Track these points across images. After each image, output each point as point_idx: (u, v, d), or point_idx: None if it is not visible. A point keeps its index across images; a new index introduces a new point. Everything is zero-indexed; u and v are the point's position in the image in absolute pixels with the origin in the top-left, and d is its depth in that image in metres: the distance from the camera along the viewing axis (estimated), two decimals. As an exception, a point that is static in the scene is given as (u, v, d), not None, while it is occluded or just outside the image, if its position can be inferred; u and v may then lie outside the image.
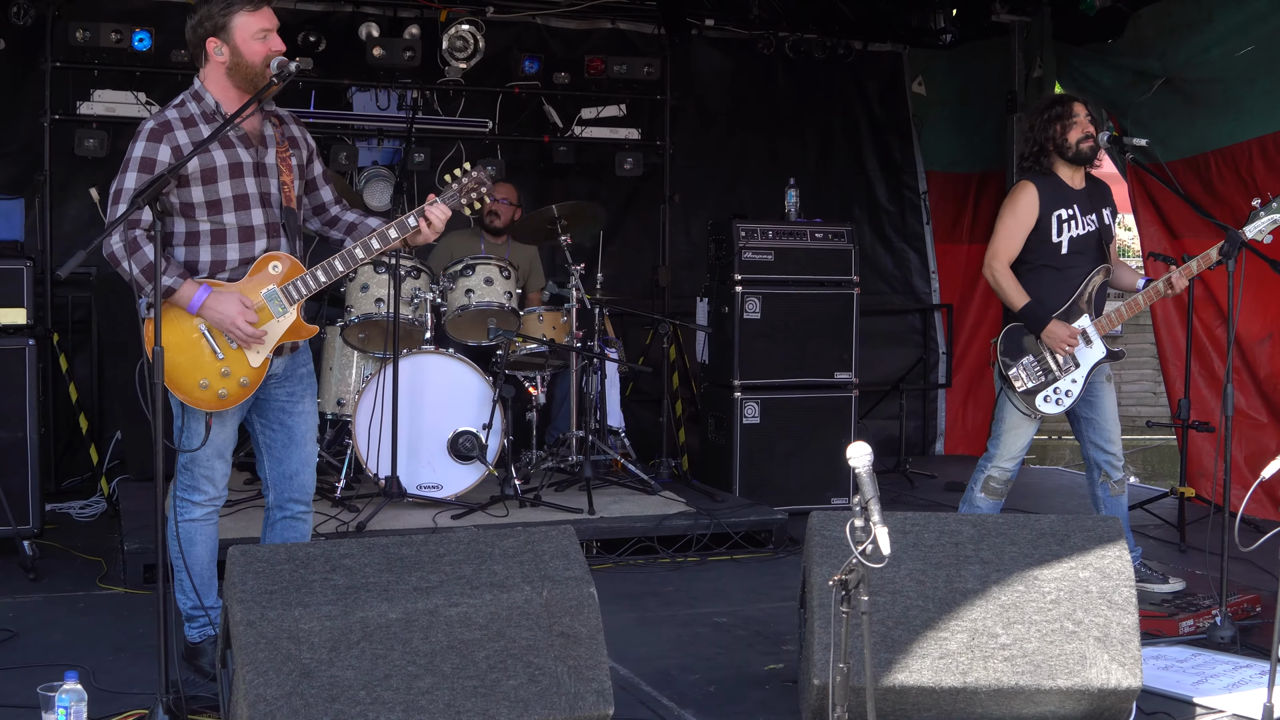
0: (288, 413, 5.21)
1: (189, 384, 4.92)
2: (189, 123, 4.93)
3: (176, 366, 4.86)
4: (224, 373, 4.95)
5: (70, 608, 6.21)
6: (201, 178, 4.90)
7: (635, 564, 7.26)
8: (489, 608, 4.25)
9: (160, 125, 4.90)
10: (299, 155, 5.18)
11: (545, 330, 8.17)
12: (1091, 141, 6.41)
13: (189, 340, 4.90)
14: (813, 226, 8.74)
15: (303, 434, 5.24)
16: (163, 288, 4.69)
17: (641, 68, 10.11)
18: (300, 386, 5.25)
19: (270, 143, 5.08)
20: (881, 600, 4.49)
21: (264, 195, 5.02)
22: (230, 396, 4.98)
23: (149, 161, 4.85)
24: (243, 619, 3.99)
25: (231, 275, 4.97)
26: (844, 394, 8.67)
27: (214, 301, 4.86)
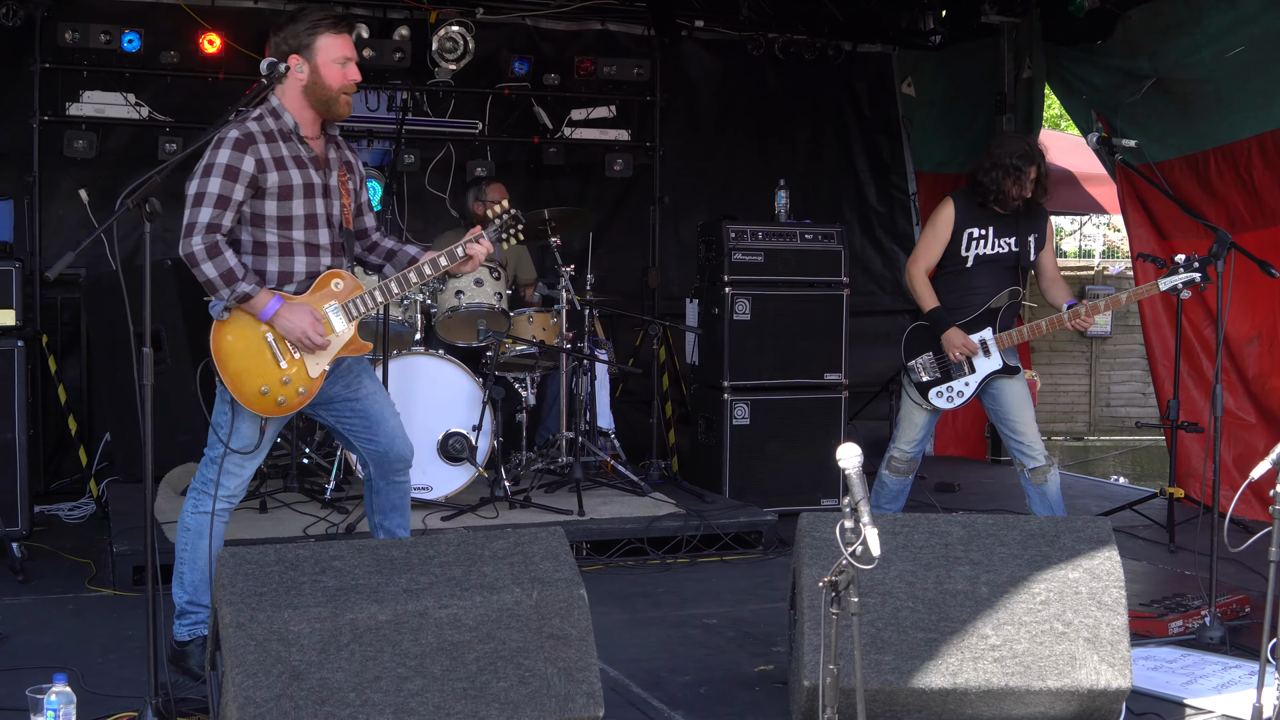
0: (355, 400, 5.35)
1: (251, 388, 5.04)
2: (269, 138, 5.04)
3: (241, 370, 5.02)
4: (284, 381, 5.09)
5: (59, 610, 6.20)
6: (279, 193, 5.04)
7: (625, 565, 7.25)
8: (479, 609, 4.24)
9: (245, 136, 4.99)
10: (354, 180, 5.37)
11: (535, 331, 8.16)
12: (1019, 202, 6.84)
13: (256, 346, 5.05)
14: (802, 228, 8.74)
15: (378, 412, 5.38)
16: (240, 293, 4.93)
17: (631, 69, 10.11)
18: (354, 375, 5.35)
19: (334, 165, 5.25)
20: (871, 601, 4.49)
21: (329, 216, 5.20)
22: (288, 404, 5.13)
23: (233, 170, 4.95)
24: (232, 621, 3.97)
25: (297, 289, 5.13)
26: (834, 395, 8.67)
27: (287, 311, 5.03)
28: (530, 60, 9.97)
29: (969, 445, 11.49)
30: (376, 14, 9.66)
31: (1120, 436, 16.89)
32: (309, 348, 5.07)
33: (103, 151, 8.94)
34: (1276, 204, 8.37)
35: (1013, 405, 6.94)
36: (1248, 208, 8.52)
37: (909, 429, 7.10)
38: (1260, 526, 4.80)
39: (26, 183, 8.83)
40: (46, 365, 8.78)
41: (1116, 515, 8.29)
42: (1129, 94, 9.28)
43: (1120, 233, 19.98)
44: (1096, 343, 17.14)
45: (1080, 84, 10.05)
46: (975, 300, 6.92)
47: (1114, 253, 24.37)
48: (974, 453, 11.46)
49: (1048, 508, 6.85)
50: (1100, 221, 24.32)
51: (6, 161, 8.93)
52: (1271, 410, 8.45)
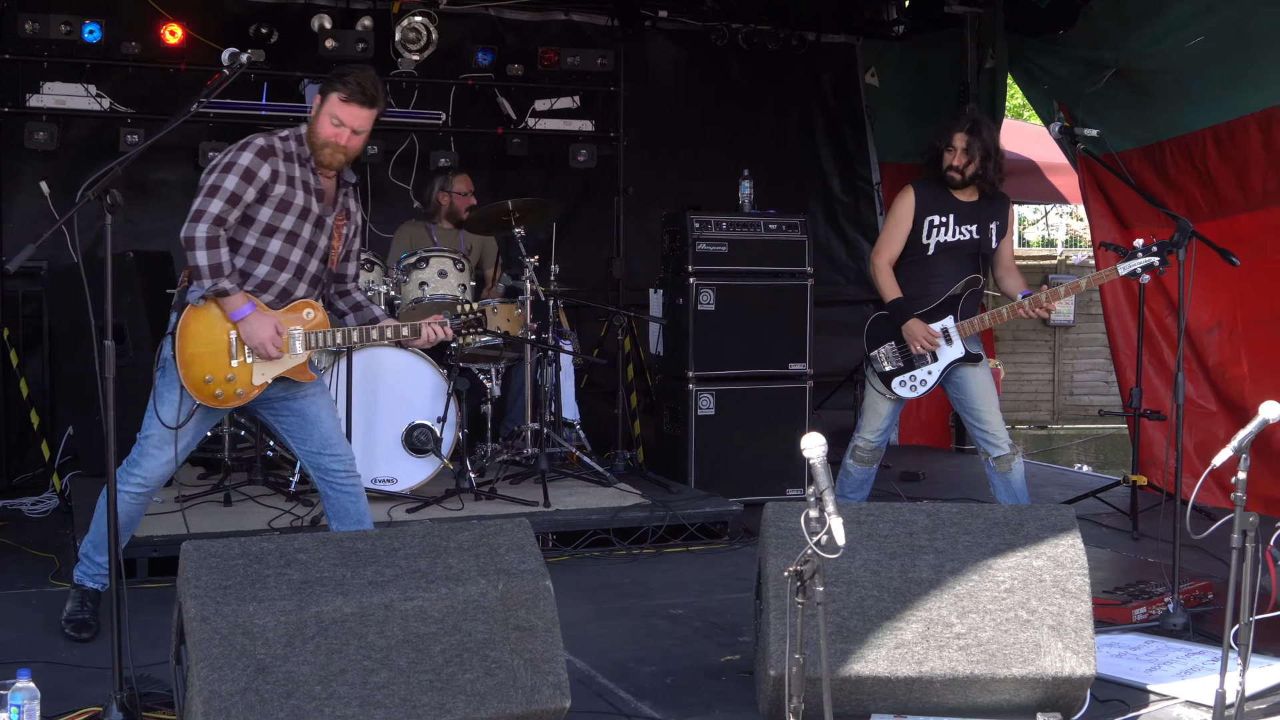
0: (292, 400, 5.61)
1: (198, 374, 5.36)
2: (289, 156, 5.41)
3: (196, 356, 5.35)
4: (229, 378, 5.41)
5: (22, 605, 6.16)
6: (279, 204, 5.39)
7: (591, 556, 7.24)
8: (444, 601, 4.23)
9: (269, 147, 5.37)
10: (349, 227, 5.71)
11: (499, 323, 8.14)
12: (956, 173, 6.91)
13: (217, 339, 5.37)
14: (767, 218, 8.74)
15: (315, 413, 5.64)
16: (219, 288, 5.28)
17: (595, 59, 10.09)
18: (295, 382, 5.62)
19: (339, 206, 5.62)
20: (837, 591, 4.50)
21: (313, 244, 5.53)
22: (224, 399, 5.44)
23: (251, 174, 5.30)
24: (196, 614, 3.95)
25: (267, 302, 5.44)
26: (798, 385, 8.67)
27: (254, 319, 5.37)
28: (494, 51, 9.95)
29: (933, 434, 11.54)
30: (340, 5, 9.63)
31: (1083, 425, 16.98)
32: (264, 356, 5.38)
33: (64, 143, 8.89)
34: (1232, 194, 8.43)
35: (977, 394, 6.96)
36: (1204, 198, 8.57)
37: (873, 418, 7.13)
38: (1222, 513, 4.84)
39: (-13, 175, 8.78)
40: (8, 359, 8.72)
41: (1080, 503, 8.33)
42: (1090, 84, 9.32)
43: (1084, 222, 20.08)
44: (1059, 331, 17.22)
45: (1042, 74, 10.09)
46: (937, 289, 6.96)
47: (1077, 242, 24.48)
48: (938, 442, 11.51)
49: (1012, 496, 6.89)
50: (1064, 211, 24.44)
51: (-34, 153, 8.87)
52: (1231, 398, 8.51)
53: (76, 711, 4.58)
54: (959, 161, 6.88)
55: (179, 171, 9.49)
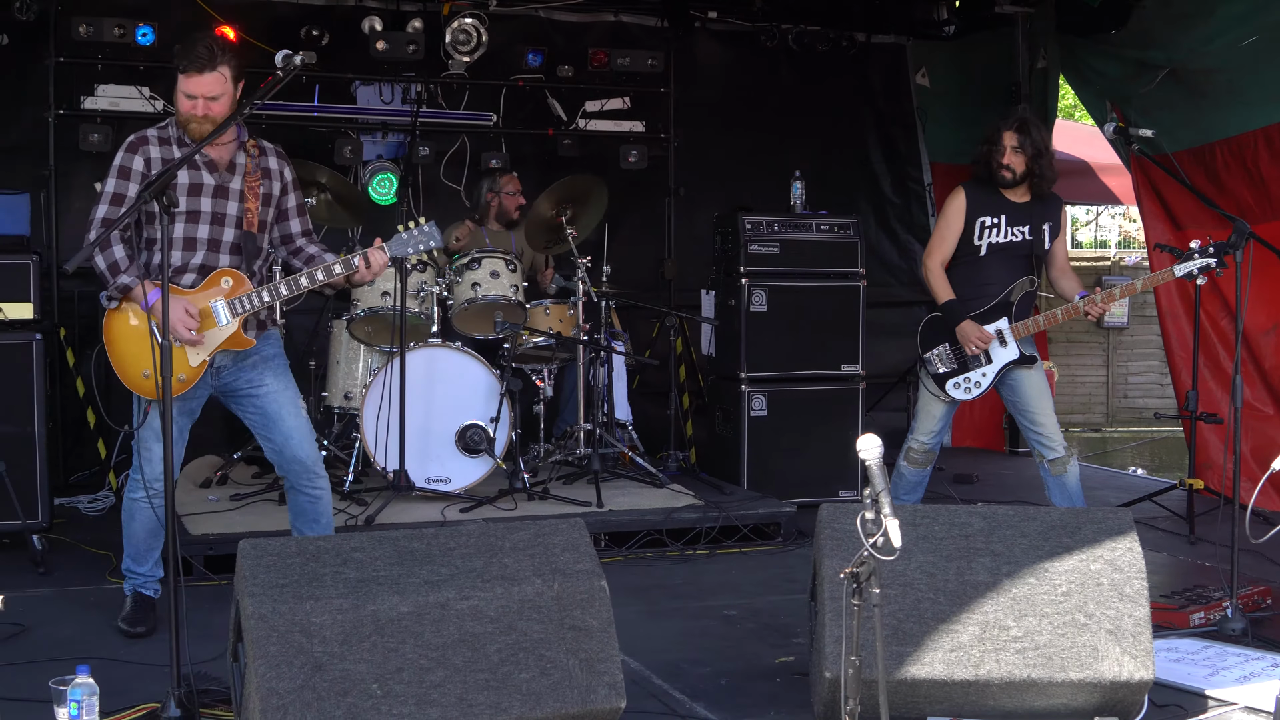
0: (255, 395, 5.63)
1: (134, 372, 5.43)
2: (164, 141, 5.49)
3: (126, 355, 5.44)
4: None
5: (80, 602, 6.22)
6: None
7: (644, 557, 7.25)
8: (500, 601, 4.24)
9: (139, 139, 5.50)
10: (269, 185, 5.65)
11: (552, 323, 8.17)
12: (1007, 172, 6.86)
13: (139, 334, 5.40)
14: (818, 219, 8.74)
15: (277, 410, 5.63)
16: (120, 284, 5.36)
17: (645, 60, 10.08)
18: (258, 371, 5.62)
19: (239, 170, 5.56)
20: (892, 593, 4.48)
21: (218, 215, 5.50)
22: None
23: (125, 169, 5.44)
24: (254, 612, 3.98)
25: (193, 281, 5.45)
26: (851, 386, 8.67)
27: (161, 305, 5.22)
28: (544, 52, 9.96)
29: (987, 436, 11.48)
30: (390, 6, 9.66)
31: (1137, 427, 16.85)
32: (180, 339, 5.31)
33: (118, 145, 8.87)
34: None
35: (1031, 396, 6.93)
36: (1256, 200, 8.50)
37: (927, 420, 7.10)
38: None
39: (43, 176, 8.84)
40: (64, 358, 8.79)
41: (1136, 506, 8.27)
42: (1142, 84, 9.25)
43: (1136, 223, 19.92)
44: (1113, 334, 17.10)
45: (1094, 74, 10.03)
46: (990, 290, 6.92)
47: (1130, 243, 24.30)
48: (992, 444, 11.45)
49: (1067, 499, 6.85)
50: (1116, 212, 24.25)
51: (23, 155, 8.94)
52: (1289, 401, 8.43)
53: (135, 707, 4.62)
54: (1010, 160, 6.84)
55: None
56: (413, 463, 7.34)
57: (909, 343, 7.32)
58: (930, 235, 7.31)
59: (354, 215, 8.59)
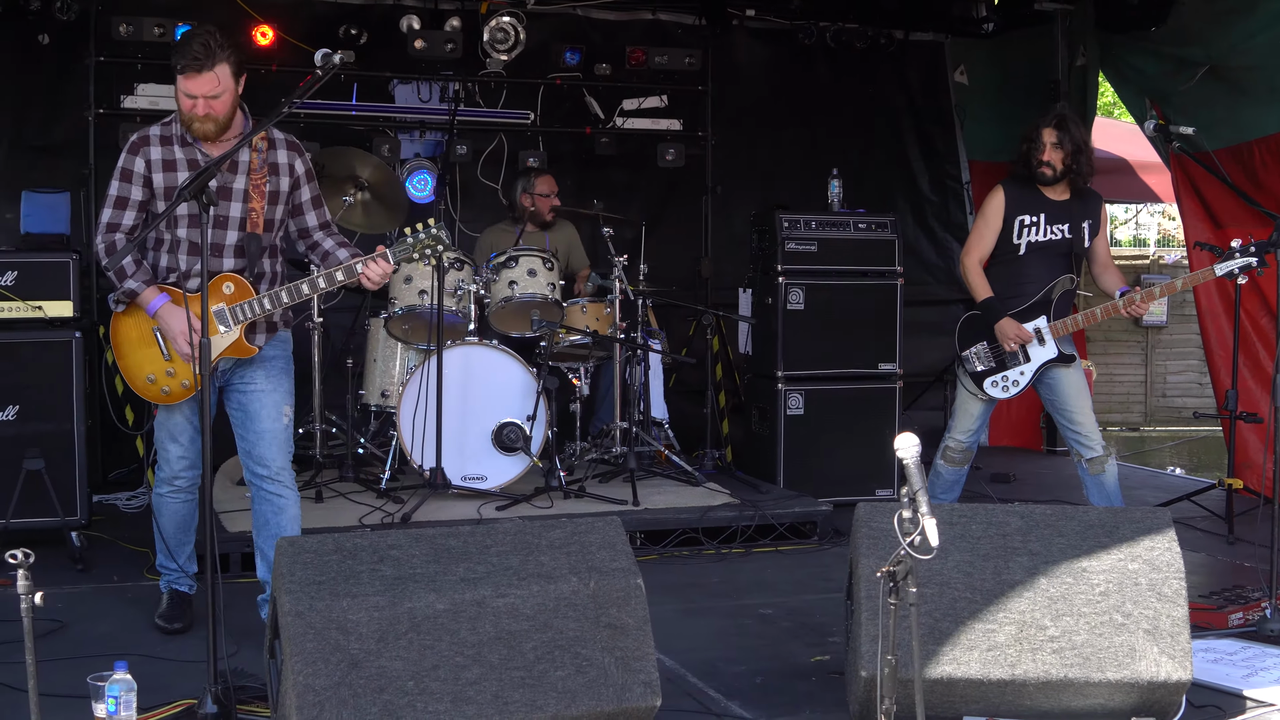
0: (243, 393, 5.53)
1: (139, 377, 5.40)
2: (165, 141, 5.35)
3: (131, 360, 5.40)
4: (168, 372, 5.37)
5: (118, 598, 6.26)
6: (164, 194, 5.31)
7: (680, 555, 7.24)
8: (536, 599, 4.24)
9: (139, 139, 5.37)
10: (277, 182, 5.47)
11: (589, 322, 8.17)
12: (1047, 169, 6.85)
13: (144, 339, 5.37)
14: (856, 217, 8.72)
15: (256, 410, 5.51)
16: (126, 290, 5.27)
17: (682, 59, 10.08)
18: (252, 369, 5.51)
19: (242, 169, 5.38)
20: (929, 592, 4.47)
21: (220, 217, 5.34)
22: (171, 394, 5.41)
23: (127, 172, 5.33)
24: (291, 609, 3.99)
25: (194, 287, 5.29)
26: (888, 385, 8.65)
27: (165, 313, 5.27)
28: (581, 50, 9.98)
29: (1024, 435, 11.43)
30: (428, 5, 9.68)
31: (1176, 427, 16.74)
32: (180, 351, 5.26)
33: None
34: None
35: (1069, 394, 6.90)
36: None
37: (964, 419, 7.10)
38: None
39: (83, 175, 8.90)
40: (104, 356, 8.84)
41: (1174, 506, 8.22)
42: (1182, 82, 9.19)
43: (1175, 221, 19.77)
44: (1152, 332, 16.99)
45: (1133, 72, 9.97)
46: (1029, 289, 6.91)
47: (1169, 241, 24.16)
48: (1029, 443, 11.40)
49: (1105, 498, 6.82)
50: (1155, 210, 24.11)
51: (63, 154, 9.00)
52: (1329, 401, 8.35)
53: (172, 703, 4.64)
54: (1049, 157, 6.83)
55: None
56: (449, 460, 7.35)
57: (946, 341, 7.31)
58: (969, 233, 7.30)
59: (391, 214, 8.61)
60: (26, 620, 3.71)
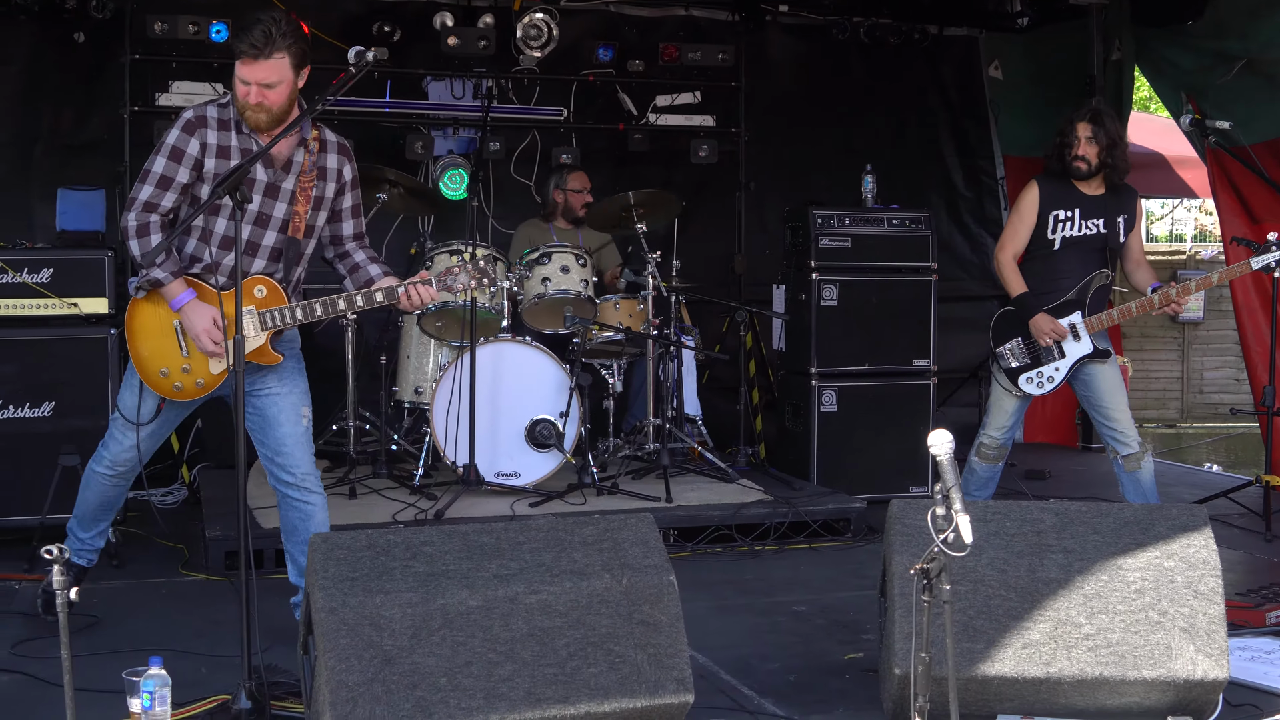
0: (259, 398, 5.33)
1: (152, 369, 5.24)
2: (224, 125, 5.13)
3: (145, 349, 5.24)
4: (184, 369, 5.24)
5: (153, 594, 6.29)
6: (213, 180, 5.08)
7: (713, 552, 7.24)
8: (569, 595, 4.25)
9: (196, 119, 5.11)
10: (323, 187, 5.32)
11: (622, 318, 8.17)
12: (1082, 164, 6.82)
13: (163, 330, 5.21)
14: (890, 213, 8.70)
15: (275, 414, 5.33)
16: (151, 278, 5.08)
17: (715, 55, 10.06)
18: (263, 372, 5.31)
19: (294, 169, 5.24)
20: (963, 589, 4.45)
21: (263, 215, 5.19)
22: (184, 391, 5.27)
23: (179, 151, 5.08)
24: (324, 605, 4.01)
25: (221, 284, 5.16)
26: (922, 381, 8.62)
27: (191, 309, 5.12)
28: (614, 47, 9.97)
29: (1060, 432, 11.38)
30: (461, 2, 9.69)
31: (1213, 423, 16.66)
32: (203, 350, 5.15)
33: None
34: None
35: (1105, 390, 6.87)
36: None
37: (999, 415, 7.07)
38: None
39: (118, 173, 8.93)
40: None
41: (1211, 503, 8.17)
42: (1218, 76, 9.13)
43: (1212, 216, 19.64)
44: (1188, 328, 16.92)
45: (1169, 66, 9.91)
46: (1064, 284, 6.88)
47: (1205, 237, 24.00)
48: (1065, 439, 11.35)
49: (1141, 495, 6.79)
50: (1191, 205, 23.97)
51: (98, 152, 9.04)
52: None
53: (206, 699, 4.66)
54: (1084, 151, 6.80)
55: (303, 169, 9.64)
56: (482, 457, 7.36)
57: (981, 337, 7.27)
58: (1003, 229, 7.27)
59: (427, 206, 8.64)
60: (62, 615, 3.74)
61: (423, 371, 8.21)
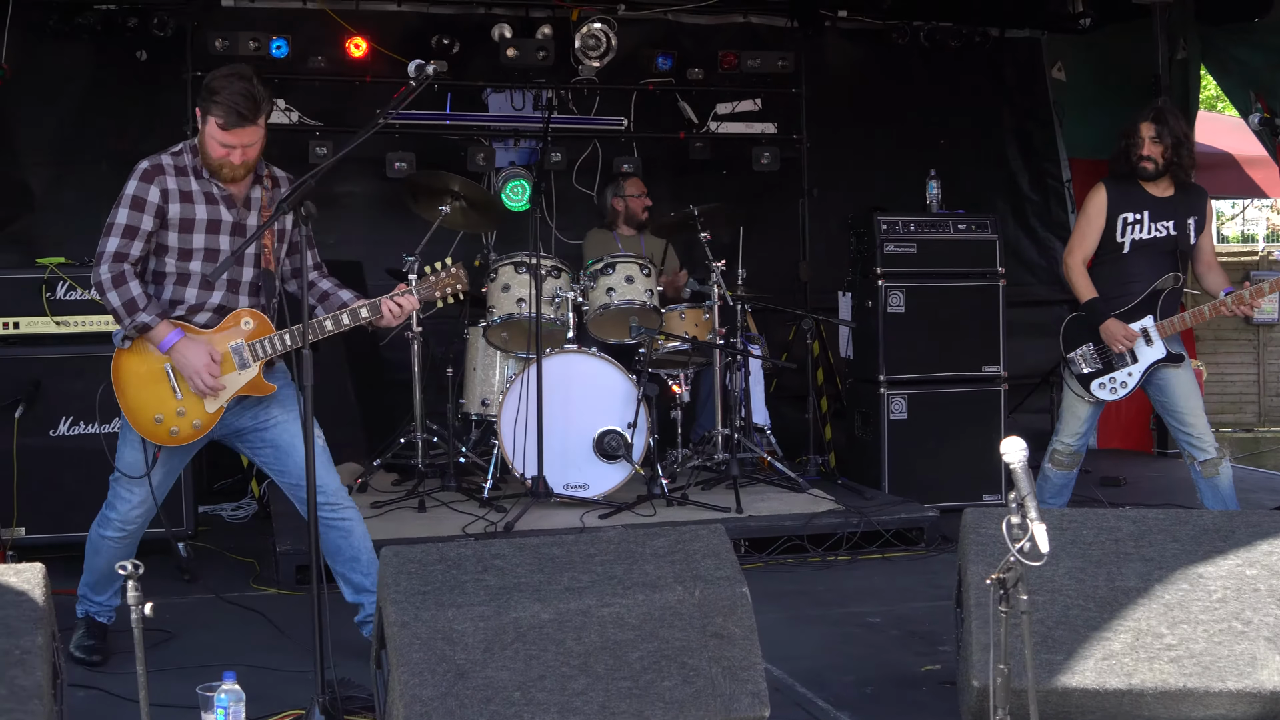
0: (264, 429, 5.37)
1: (145, 417, 5.22)
2: (180, 171, 5.20)
3: (137, 398, 5.22)
4: (179, 412, 5.22)
5: (225, 608, 6.32)
6: (180, 225, 5.18)
7: (785, 563, 7.21)
8: (641, 608, 4.24)
9: (153, 168, 5.19)
10: (283, 220, 5.36)
11: (687, 327, 8.16)
12: (1149, 164, 6.77)
13: (153, 376, 5.20)
14: (955, 218, 8.65)
15: (289, 441, 5.35)
16: (139, 323, 5.10)
17: (775, 61, 10.05)
18: (263, 405, 5.35)
19: (254, 206, 5.32)
20: (1040, 599, 4.41)
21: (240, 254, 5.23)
22: (181, 435, 5.25)
23: (139, 200, 5.15)
24: (397, 620, 4.02)
25: (207, 322, 5.24)
26: (993, 388, 8.53)
27: (184, 347, 5.13)
28: (673, 56, 10.00)
29: (1134, 438, 11.27)
30: (519, 13, 9.73)
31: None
32: (201, 388, 5.14)
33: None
34: None
35: (1180, 395, 6.79)
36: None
37: (1072, 422, 7.00)
38: None
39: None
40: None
41: (1290, 509, 8.07)
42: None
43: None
44: (1263, 330, 16.69)
45: (1236, 64, 9.81)
46: (1134, 288, 6.81)
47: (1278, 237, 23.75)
48: (1140, 445, 11.24)
49: (1220, 502, 6.70)
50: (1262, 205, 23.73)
51: (162, 170, 9.13)
52: None
53: (280, 713, 4.70)
54: (1149, 151, 6.75)
55: (365, 183, 9.71)
56: (551, 469, 7.36)
57: (1051, 343, 7.22)
58: (1071, 233, 7.21)
59: (488, 220, 8.66)
60: (136, 631, 3.76)
61: (489, 384, 8.22)
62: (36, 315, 7.04)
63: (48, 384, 6.99)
